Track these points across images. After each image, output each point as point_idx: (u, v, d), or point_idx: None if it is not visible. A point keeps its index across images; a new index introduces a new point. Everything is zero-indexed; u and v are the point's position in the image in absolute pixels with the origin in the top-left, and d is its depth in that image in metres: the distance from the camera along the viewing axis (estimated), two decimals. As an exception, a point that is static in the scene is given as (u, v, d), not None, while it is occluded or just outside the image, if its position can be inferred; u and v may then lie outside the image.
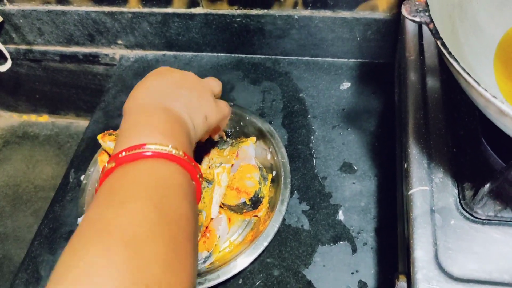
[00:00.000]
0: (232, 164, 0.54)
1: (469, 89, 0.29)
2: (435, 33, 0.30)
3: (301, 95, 0.66)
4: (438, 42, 0.29)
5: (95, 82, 0.88)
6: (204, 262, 0.50)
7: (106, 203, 0.30)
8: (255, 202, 0.53)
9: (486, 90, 0.27)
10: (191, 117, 0.41)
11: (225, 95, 0.67)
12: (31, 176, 0.96)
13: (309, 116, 0.63)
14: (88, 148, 0.65)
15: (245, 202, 0.52)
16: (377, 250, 0.51)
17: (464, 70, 0.28)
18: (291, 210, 0.55)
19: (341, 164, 0.58)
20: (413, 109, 0.43)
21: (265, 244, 0.50)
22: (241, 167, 0.54)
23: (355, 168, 0.57)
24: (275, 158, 0.56)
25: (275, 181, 0.55)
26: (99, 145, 0.60)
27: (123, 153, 0.33)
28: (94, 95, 0.91)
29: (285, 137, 0.61)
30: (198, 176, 0.36)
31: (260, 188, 0.53)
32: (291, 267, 0.51)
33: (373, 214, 0.53)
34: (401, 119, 0.47)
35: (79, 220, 0.52)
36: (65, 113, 1.01)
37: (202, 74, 0.70)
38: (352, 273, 0.50)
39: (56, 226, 0.58)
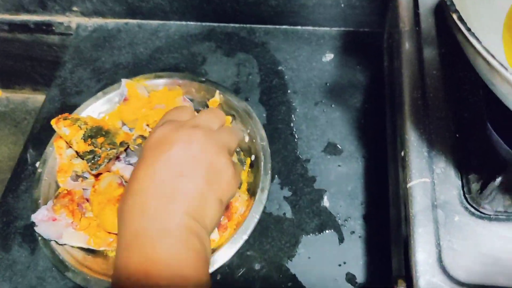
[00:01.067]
0: None
1: (490, 73, 0.24)
2: (451, 5, 0.25)
3: (279, 68, 0.60)
4: (455, 16, 0.24)
5: (51, 54, 0.79)
6: None
7: None
8: None
9: (515, 75, 0.22)
10: (199, 217, 0.33)
11: (195, 69, 0.61)
12: (-15, 157, 0.88)
13: (289, 91, 0.58)
14: (43, 130, 0.58)
15: None
16: (366, 238, 0.47)
17: (487, 52, 0.23)
18: (271, 196, 0.50)
19: (325, 144, 0.53)
20: (409, 88, 0.38)
21: (245, 237, 0.45)
22: None
23: (341, 149, 0.53)
24: (254, 140, 0.50)
25: (254, 165, 0.50)
26: (56, 128, 0.54)
27: None
28: (51, 68, 0.82)
29: (264, 115, 0.56)
30: None
31: None
32: (274, 260, 0.47)
33: (361, 200, 0.49)
34: (393, 97, 0.42)
35: (33, 216, 0.46)
36: (20, 87, 0.92)
37: (170, 46, 0.63)
38: (340, 265, 0.46)
39: (9, 220, 0.52)
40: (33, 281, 0.48)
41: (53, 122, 0.49)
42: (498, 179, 0.30)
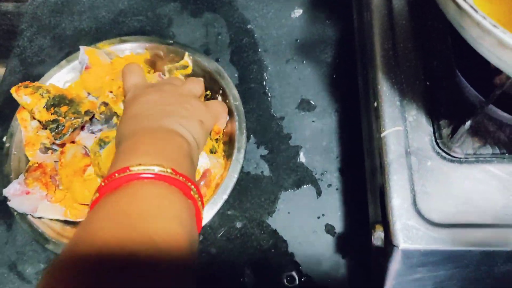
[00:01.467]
0: None
1: (460, 17, 0.24)
2: None
3: (249, 26, 0.59)
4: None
5: (5, 23, 0.75)
6: None
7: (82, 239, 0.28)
8: None
9: (485, 18, 0.22)
10: (186, 128, 0.39)
11: (162, 32, 0.59)
12: None
13: (259, 50, 0.57)
14: (7, 103, 0.56)
15: None
16: (343, 191, 0.48)
17: (458, -6, 0.23)
18: (249, 156, 0.50)
19: (298, 101, 0.53)
20: (379, 39, 0.38)
21: (225, 197, 0.45)
22: None
23: (314, 104, 0.53)
24: (227, 100, 0.50)
25: (228, 126, 0.50)
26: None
27: (105, 182, 0.31)
28: (7, 38, 0.78)
29: (235, 75, 0.55)
30: (192, 193, 0.33)
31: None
32: (254, 217, 0.48)
33: (336, 154, 0.50)
34: (363, 49, 0.43)
35: (5, 191, 0.45)
36: (-24, 60, 0.87)
37: (134, 8, 0.61)
38: (319, 217, 0.47)
39: (-21, 197, 0.51)
40: (13, 256, 0.48)
41: (13, 91, 0.47)
42: (468, 123, 0.31)
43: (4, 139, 0.51)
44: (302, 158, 0.50)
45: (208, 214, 0.45)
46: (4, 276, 0.47)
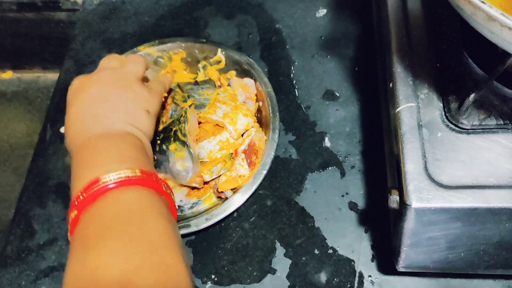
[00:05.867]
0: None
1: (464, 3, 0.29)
2: None
3: (277, 26, 0.64)
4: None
5: (58, 31, 0.83)
6: (191, 208, 0.51)
7: (81, 252, 0.30)
8: None
9: (474, -5, 0.27)
10: (133, 123, 0.39)
11: (199, 33, 0.65)
12: (4, 135, 0.93)
13: (287, 46, 0.62)
14: (62, 100, 0.63)
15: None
16: (365, 171, 0.52)
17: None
18: (278, 141, 0.55)
19: (323, 92, 0.58)
20: (395, 28, 0.43)
21: (264, 172, 0.50)
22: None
23: (338, 95, 0.58)
24: (259, 88, 0.55)
25: (262, 111, 0.55)
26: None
27: (81, 197, 0.32)
28: (60, 45, 0.86)
29: (265, 70, 0.61)
30: (164, 189, 0.35)
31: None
32: (283, 196, 0.52)
33: (359, 138, 0.54)
34: (381, 41, 0.47)
35: None
36: (30, 67, 0.96)
37: (173, 13, 0.68)
38: (343, 196, 0.51)
39: (42, 180, 0.57)
40: (70, 231, 0.54)
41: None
42: (472, 95, 0.35)
43: (62, 129, 0.58)
44: (327, 142, 0.55)
45: (250, 191, 0.49)
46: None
